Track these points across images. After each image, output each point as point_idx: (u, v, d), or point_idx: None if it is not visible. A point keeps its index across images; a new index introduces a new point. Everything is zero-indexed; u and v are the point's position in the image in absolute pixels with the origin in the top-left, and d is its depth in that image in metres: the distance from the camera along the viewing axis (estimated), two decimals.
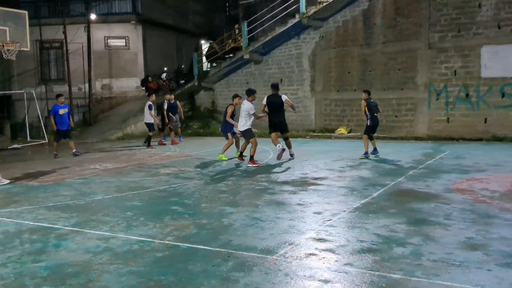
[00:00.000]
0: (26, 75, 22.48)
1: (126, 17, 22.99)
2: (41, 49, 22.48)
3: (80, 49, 21.51)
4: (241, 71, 20.55)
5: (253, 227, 5.91)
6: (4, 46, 14.24)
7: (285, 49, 19.22)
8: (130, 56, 23.43)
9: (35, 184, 9.40)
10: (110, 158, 13.04)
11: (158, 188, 8.60)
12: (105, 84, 23.26)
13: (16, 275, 4.51)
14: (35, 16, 20.51)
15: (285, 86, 18.96)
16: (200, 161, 12.09)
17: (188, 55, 26.64)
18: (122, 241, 5.48)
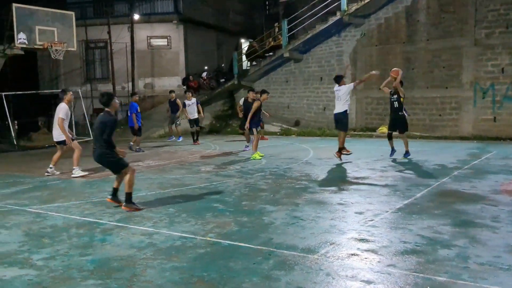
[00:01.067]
0: (72, 74, 23.25)
1: (168, 17, 23.38)
2: (86, 49, 23.18)
3: (123, 48, 22.05)
4: (281, 70, 20.52)
5: (293, 226, 5.90)
6: (52, 46, 14.78)
7: (326, 47, 19.05)
8: (171, 56, 23.82)
9: (82, 180, 9.70)
10: (152, 156, 13.31)
11: (199, 186, 8.71)
12: (147, 83, 23.75)
13: (64, 267, 4.67)
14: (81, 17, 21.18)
15: (325, 84, 18.80)
16: (240, 159, 12.16)
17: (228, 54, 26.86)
18: (165, 237, 5.59)
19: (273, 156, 12.31)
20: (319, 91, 19.16)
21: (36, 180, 9.74)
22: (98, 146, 6.95)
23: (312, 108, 19.16)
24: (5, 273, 4.54)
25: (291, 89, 20.03)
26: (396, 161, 11.00)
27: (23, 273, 4.52)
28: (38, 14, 14.97)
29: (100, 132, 6.88)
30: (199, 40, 24.96)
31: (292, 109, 20.13)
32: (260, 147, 12.65)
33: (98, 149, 6.94)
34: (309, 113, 19.27)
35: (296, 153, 12.92)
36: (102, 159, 7.02)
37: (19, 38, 14.25)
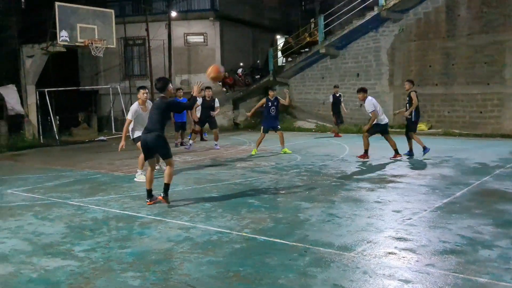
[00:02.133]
0: (112, 71, 23.75)
1: (205, 14, 23.54)
2: (125, 46, 23.62)
3: (161, 45, 22.36)
4: (316, 66, 20.39)
5: (329, 223, 5.87)
6: (93, 43, 15.14)
7: (363, 42, 18.80)
8: (208, 52, 23.99)
9: (120, 174, 9.93)
10: (189, 151, 13.47)
11: (234, 181, 8.77)
12: (184, 80, 24.00)
13: (105, 259, 4.80)
14: (120, 15, 21.55)
15: (362, 81, 18.56)
16: (275, 155, 12.16)
17: (264, 50, 26.83)
18: (202, 231, 5.66)
19: (309, 153, 12.25)
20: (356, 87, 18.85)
21: (77, 174, 10.03)
22: (153, 130, 6.90)
23: (348, 104, 18.93)
24: (49, 264, 4.70)
25: (327, 85, 19.86)
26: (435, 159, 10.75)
27: (66, 264, 4.68)
28: (80, 12, 15.36)
29: (159, 118, 6.92)
30: (235, 37, 25.03)
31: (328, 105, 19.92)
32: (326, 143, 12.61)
33: (154, 132, 6.89)
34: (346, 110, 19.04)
35: (332, 150, 12.82)
36: (159, 142, 6.92)
37: (61, 36, 14.67)
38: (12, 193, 8.22)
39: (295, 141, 15.22)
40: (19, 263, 4.74)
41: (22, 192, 8.23)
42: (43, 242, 5.42)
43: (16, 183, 9.11)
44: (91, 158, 12.45)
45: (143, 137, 7.03)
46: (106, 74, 23.93)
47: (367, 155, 10.94)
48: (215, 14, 23.49)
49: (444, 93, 16.79)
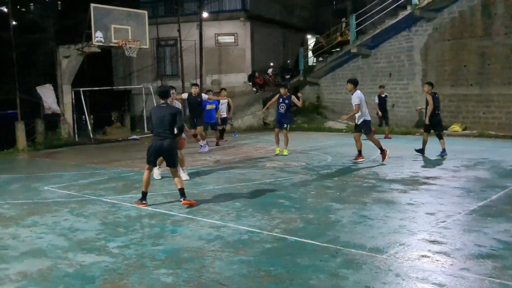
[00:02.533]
0: (144, 71, 24.14)
1: (236, 14, 23.66)
2: (157, 47, 23.98)
3: (192, 46, 22.60)
4: (347, 66, 20.20)
5: (361, 225, 5.81)
6: (127, 44, 15.41)
7: (395, 42, 18.52)
8: (238, 52, 24.10)
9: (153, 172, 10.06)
10: (219, 150, 13.57)
11: (264, 181, 8.78)
12: (214, 80, 24.19)
13: (138, 256, 4.89)
14: (152, 16, 21.90)
15: (394, 81, 18.31)
16: (305, 156, 12.11)
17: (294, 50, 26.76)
18: (233, 230, 5.70)
19: (339, 154, 12.16)
20: (388, 87, 18.63)
21: (111, 172, 10.24)
22: (166, 136, 6.94)
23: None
24: (84, 259, 4.82)
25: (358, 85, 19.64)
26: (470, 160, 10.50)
27: (100, 260, 4.79)
28: (114, 13, 15.67)
29: (170, 123, 6.96)
30: (265, 37, 25.07)
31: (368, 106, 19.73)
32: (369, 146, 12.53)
33: (168, 140, 6.95)
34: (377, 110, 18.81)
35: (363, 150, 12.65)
36: (172, 151, 7.03)
37: (96, 37, 15.00)
38: (49, 189, 8.46)
39: (325, 142, 15.13)
40: (56, 258, 4.88)
41: (58, 189, 8.46)
42: (79, 238, 5.56)
43: (52, 180, 9.37)
44: (124, 157, 12.69)
45: (159, 143, 6.98)
46: (139, 74, 24.34)
47: (361, 156, 10.78)
48: (246, 14, 23.59)
49: (479, 93, 16.37)
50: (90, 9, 14.89)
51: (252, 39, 24.05)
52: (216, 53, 24.03)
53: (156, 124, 7.01)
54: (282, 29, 26.64)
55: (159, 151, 7.06)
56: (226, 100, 16.02)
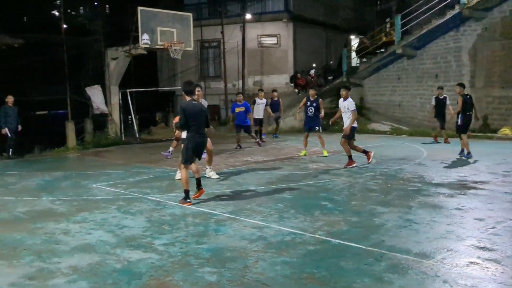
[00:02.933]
0: (188, 72, 24.54)
1: (278, 15, 23.69)
2: (201, 48, 24.33)
3: (235, 47, 22.79)
4: (392, 66, 19.82)
5: (406, 229, 5.70)
6: (172, 46, 15.71)
7: (442, 42, 18.02)
8: (280, 53, 24.12)
9: None
10: (261, 151, 13.61)
11: (307, 183, 8.75)
12: (256, 81, 24.30)
13: (183, 254, 4.98)
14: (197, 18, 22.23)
15: (440, 82, 17.79)
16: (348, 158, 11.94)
17: (337, 51, 26.51)
18: (275, 231, 5.71)
19: (383, 156, 11.95)
20: (434, 89, 18.08)
21: (156, 171, 10.46)
22: (201, 133, 7.23)
23: (425, 106, 18.23)
24: (131, 255, 4.96)
25: (403, 86, 19.28)
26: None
27: (146, 257, 4.91)
28: (160, 16, 16.00)
29: (204, 120, 7.27)
30: (308, 38, 24.96)
31: (404, 107, 19.36)
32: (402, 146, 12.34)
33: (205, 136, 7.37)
34: (422, 112, 18.36)
35: (408, 153, 12.41)
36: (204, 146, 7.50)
37: (143, 39, 15.35)
38: (97, 187, 8.74)
39: (369, 143, 14.88)
40: (105, 253, 5.04)
41: (106, 187, 8.73)
42: (126, 234, 5.72)
43: (101, 178, 9.68)
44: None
45: (201, 140, 7.22)
46: (183, 75, 24.76)
47: (352, 161, 10.55)
48: (289, 15, 23.57)
49: None
50: (137, 12, 15.25)
51: (295, 40, 24.00)
52: (258, 54, 24.13)
53: (192, 121, 7.08)
54: (325, 29, 26.45)
55: (201, 147, 7.30)
56: (264, 101, 16.06)
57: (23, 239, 5.58)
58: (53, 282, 4.30)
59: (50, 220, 6.40)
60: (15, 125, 13.33)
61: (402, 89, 19.34)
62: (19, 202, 7.60)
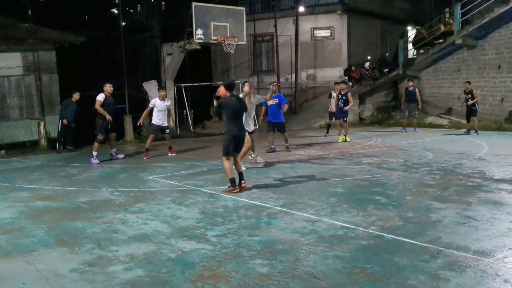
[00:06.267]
0: (241, 67, 24.74)
1: (332, 7, 23.37)
2: (254, 43, 24.43)
3: (288, 41, 22.70)
4: (451, 58, 19.05)
5: (465, 226, 5.49)
6: (225, 40, 15.87)
7: (506, 31, 17.11)
8: (334, 46, 23.80)
9: (248, 165, 10.28)
10: (314, 146, 13.52)
11: (360, 177, 8.61)
12: (310, 74, 24.13)
13: (235, 245, 5.04)
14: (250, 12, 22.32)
15: (504, 73, 16.96)
16: (404, 152, 11.67)
17: (393, 43, 25.82)
18: (327, 225, 5.66)
19: (441, 151, 11.55)
20: (496, 81, 17.35)
21: (210, 164, 10.64)
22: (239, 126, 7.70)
23: (487, 99, 17.43)
24: (185, 246, 5.07)
25: (463, 78, 18.45)
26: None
27: (200, 247, 5.01)
28: (214, 11, 16.19)
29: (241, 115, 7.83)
30: (363, 30, 24.46)
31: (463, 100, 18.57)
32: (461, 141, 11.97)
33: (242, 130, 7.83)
34: (484, 105, 17.55)
35: (468, 148, 11.93)
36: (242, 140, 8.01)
37: (197, 34, 15.60)
38: (153, 179, 9.00)
39: (426, 138, 14.45)
40: (160, 243, 5.19)
41: (162, 179, 8.97)
42: (180, 225, 5.86)
43: (157, 170, 9.96)
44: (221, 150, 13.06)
45: (240, 133, 7.74)
46: (236, 69, 24.99)
47: None
48: (343, 7, 23.20)
49: None
50: (191, 7, 15.51)
51: (349, 32, 23.59)
52: (311, 48, 23.93)
53: (231, 115, 7.58)
54: (381, 21, 25.82)
55: (239, 140, 7.74)
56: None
57: (84, 228, 5.85)
58: (111, 269, 4.47)
59: (109, 210, 6.66)
60: (72, 120, 13.60)
61: (462, 81, 18.47)
62: (80, 192, 7.96)
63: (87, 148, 14.38)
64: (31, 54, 14.43)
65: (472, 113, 15.21)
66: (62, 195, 7.77)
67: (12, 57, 14.46)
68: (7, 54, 14.37)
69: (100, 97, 11.15)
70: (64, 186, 8.53)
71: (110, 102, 11.42)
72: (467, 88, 15.31)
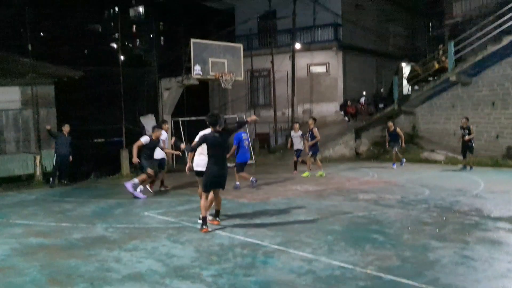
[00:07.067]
0: (238, 101, 24.95)
1: (328, 44, 23.80)
2: (251, 78, 24.71)
3: (284, 76, 23.00)
4: (446, 94, 19.32)
5: (463, 266, 5.43)
6: (223, 76, 16.06)
7: (499, 69, 17.44)
8: (330, 82, 24.11)
9: (245, 201, 10.25)
10: (310, 180, 13.49)
11: (357, 214, 8.56)
12: (306, 109, 24.34)
13: (231, 286, 4.96)
14: (247, 48, 22.69)
15: (498, 110, 17.18)
16: (400, 188, 11.66)
17: (388, 78, 26.20)
18: (324, 265, 5.59)
19: (437, 187, 11.55)
20: (491, 117, 17.57)
21: None
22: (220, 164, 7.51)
23: (482, 135, 17.59)
24: (180, 286, 4.99)
25: (457, 114, 18.68)
26: None
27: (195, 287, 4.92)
28: (212, 48, 16.42)
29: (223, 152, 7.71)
30: (358, 66, 24.87)
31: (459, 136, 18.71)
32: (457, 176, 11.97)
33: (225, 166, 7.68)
34: (479, 141, 17.68)
35: (464, 184, 11.94)
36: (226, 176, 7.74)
37: (195, 70, 15.79)
38: (149, 215, 8.92)
39: (422, 173, 14.47)
40: (154, 283, 5.10)
41: (157, 215, 8.89)
42: (175, 264, 5.77)
43: (152, 206, 9.88)
44: None
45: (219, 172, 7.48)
46: (233, 104, 25.19)
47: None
48: (338, 44, 23.63)
49: None
50: (190, 44, 15.74)
51: (344, 68, 23.96)
52: (307, 83, 24.23)
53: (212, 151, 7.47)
54: (376, 57, 26.28)
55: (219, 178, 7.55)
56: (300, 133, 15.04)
57: (77, 266, 5.75)
58: None
59: (103, 248, 6.57)
60: (67, 153, 13.46)
61: (457, 117, 18.73)
62: (74, 228, 7.87)
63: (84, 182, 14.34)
64: (29, 88, 14.51)
65: (469, 149, 15.21)
66: (56, 232, 7.68)
67: (11, 91, 14.56)
68: (6, 88, 14.48)
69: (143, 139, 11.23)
70: (58, 222, 8.44)
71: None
72: (464, 123, 15.35)
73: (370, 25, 25.77)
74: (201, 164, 8.11)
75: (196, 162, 8.33)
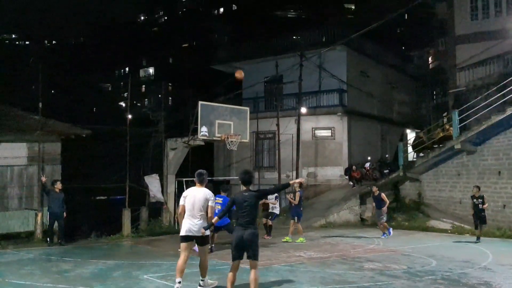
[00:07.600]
0: (243, 162, 25.00)
1: (333, 109, 24.16)
2: (256, 140, 24.92)
3: (290, 139, 23.17)
4: (451, 162, 19.28)
5: None
6: (229, 138, 16.20)
7: (504, 138, 17.48)
8: (335, 146, 24.24)
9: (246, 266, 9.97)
10: (314, 246, 13.22)
11: (362, 284, 8.31)
12: (310, 172, 24.31)
13: None
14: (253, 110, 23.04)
15: (504, 179, 17.05)
16: (406, 258, 11.37)
17: (392, 144, 26.37)
18: None
19: (445, 258, 11.26)
20: (497, 187, 17.39)
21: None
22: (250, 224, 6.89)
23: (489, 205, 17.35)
24: None
25: (463, 183, 18.55)
26: None
27: None
28: (219, 110, 16.67)
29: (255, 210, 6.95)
30: (363, 131, 25.11)
31: (465, 204, 18.45)
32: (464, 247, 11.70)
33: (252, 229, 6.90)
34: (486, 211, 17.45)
35: (472, 255, 11.64)
36: (254, 240, 6.88)
37: (202, 131, 15.95)
38: (147, 278, 8.69)
39: (429, 243, 14.17)
40: None
41: (156, 279, 8.66)
42: None
43: (152, 269, 9.64)
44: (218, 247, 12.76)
45: (240, 233, 6.83)
46: (238, 165, 25.24)
47: None
48: (343, 109, 23.99)
49: None
50: (197, 106, 16.00)
51: (349, 133, 24.17)
52: (312, 146, 24.37)
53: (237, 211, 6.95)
54: (380, 123, 26.59)
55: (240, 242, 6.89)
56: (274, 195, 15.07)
57: None
58: None
59: None
60: (60, 211, 13.29)
61: (463, 185, 18.61)
62: None
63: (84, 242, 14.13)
64: (37, 145, 14.65)
65: (481, 219, 14.54)
66: None
67: (18, 147, 14.68)
68: (13, 144, 14.61)
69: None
70: (55, 283, 8.23)
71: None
72: (476, 192, 14.90)
73: (375, 91, 26.29)
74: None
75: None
